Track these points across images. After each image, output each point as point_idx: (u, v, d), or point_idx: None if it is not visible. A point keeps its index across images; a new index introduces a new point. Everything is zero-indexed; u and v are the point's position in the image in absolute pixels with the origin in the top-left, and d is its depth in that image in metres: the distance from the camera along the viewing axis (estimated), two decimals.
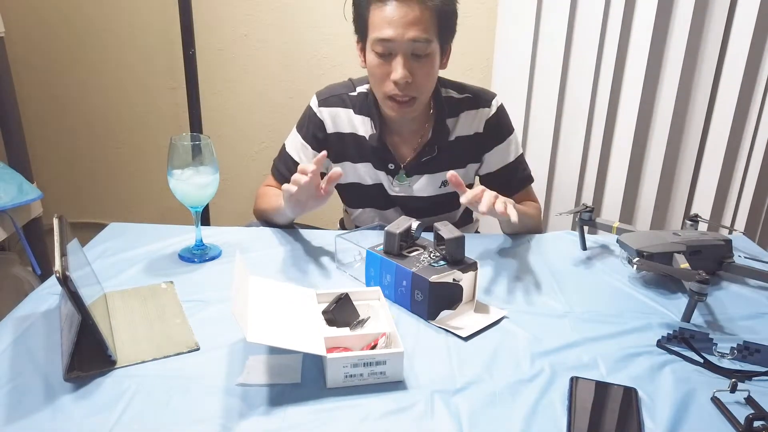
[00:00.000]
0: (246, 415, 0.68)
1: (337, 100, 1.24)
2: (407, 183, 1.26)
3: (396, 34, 1.06)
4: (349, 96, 1.24)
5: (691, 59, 1.78)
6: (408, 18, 1.06)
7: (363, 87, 1.25)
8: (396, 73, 1.09)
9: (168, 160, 1.00)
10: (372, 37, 1.10)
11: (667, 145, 1.86)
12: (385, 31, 1.07)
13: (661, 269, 0.95)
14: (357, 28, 1.16)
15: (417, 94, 1.13)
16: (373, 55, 1.11)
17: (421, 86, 1.13)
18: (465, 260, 0.92)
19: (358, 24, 1.15)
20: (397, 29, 1.06)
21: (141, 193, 2.17)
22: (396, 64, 1.09)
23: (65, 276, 0.67)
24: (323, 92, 1.26)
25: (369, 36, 1.11)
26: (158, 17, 1.93)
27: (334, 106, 1.24)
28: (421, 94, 1.14)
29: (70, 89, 2.03)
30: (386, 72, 1.11)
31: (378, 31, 1.08)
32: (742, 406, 0.72)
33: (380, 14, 1.07)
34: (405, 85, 1.10)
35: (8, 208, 1.51)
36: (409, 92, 1.11)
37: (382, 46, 1.09)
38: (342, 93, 1.25)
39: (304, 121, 1.27)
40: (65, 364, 0.73)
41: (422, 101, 1.16)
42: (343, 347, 0.77)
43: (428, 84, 1.15)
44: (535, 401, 0.72)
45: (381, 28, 1.07)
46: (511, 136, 1.28)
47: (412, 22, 1.06)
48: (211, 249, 1.09)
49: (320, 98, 1.25)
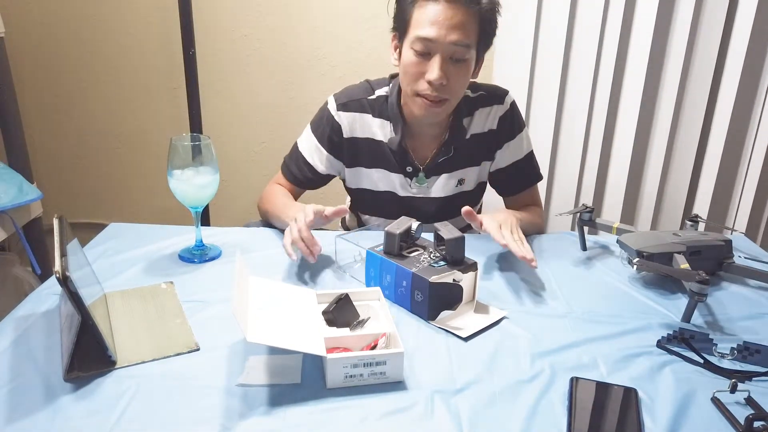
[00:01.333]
0: (246, 415, 0.68)
1: (356, 104, 1.23)
2: (426, 185, 1.26)
3: (438, 34, 1.06)
4: (368, 100, 1.23)
5: (691, 59, 1.77)
6: (453, 21, 1.06)
7: (382, 90, 1.24)
8: (432, 73, 1.08)
9: (168, 160, 1.00)
10: (413, 34, 1.09)
11: (667, 145, 1.86)
12: (427, 30, 1.07)
13: (661, 270, 0.95)
14: (397, 24, 1.15)
15: (449, 96, 1.12)
16: (412, 53, 1.10)
17: (454, 90, 1.13)
18: (465, 261, 0.92)
19: (399, 19, 1.14)
20: (440, 30, 1.06)
21: (141, 193, 2.17)
22: (433, 64, 1.08)
23: (65, 276, 0.67)
24: (341, 96, 1.25)
25: (409, 33, 1.10)
26: (158, 17, 1.92)
27: (353, 111, 1.23)
28: (452, 98, 1.14)
29: (70, 89, 2.03)
30: (421, 71, 1.10)
31: (420, 29, 1.08)
32: (742, 406, 0.72)
33: (425, 13, 1.07)
34: (439, 86, 1.09)
35: (8, 208, 1.51)
36: (442, 94, 1.11)
37: (423, 45, 1.08)
38: (361, 97, 1.24)
39: (320, 123, 1.26)
40: (65, 364, 0.73)
41: (451, 105, 1.16)
42: (343, 347, 0.77)
43: (460, 89, 1.15)
44: (535, 401, 0.72)
45: (424, 27, 1.07)
46: (522, 133, 1.28)
47: (456, 25, 1.06)
48: (211, 249, 1.09)
49: (339, 102, 1.24)
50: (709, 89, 1.80)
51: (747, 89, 1.78)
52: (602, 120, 1.84)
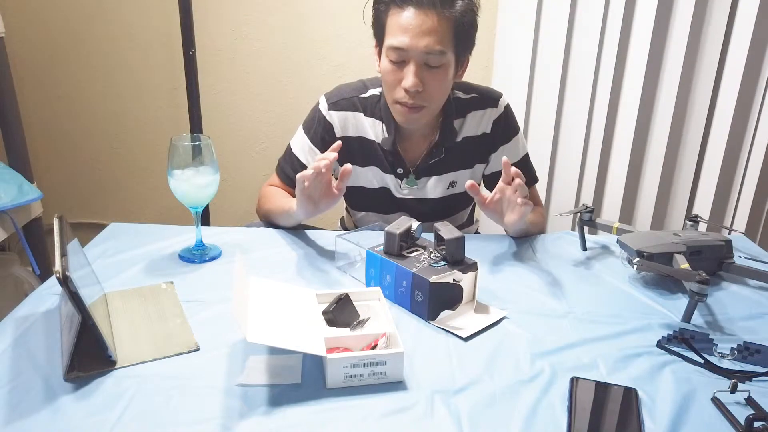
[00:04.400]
0: (246, 415, 0.68)
1: (347, 103, 1.23)
2: (416, 186, 1.26)
3: (410, 43, 1.06)
4: (360, 98, 1.23)
5: (691, 59, 1.77)
6: (423, 27, 1.05)
7: (376, 90, 1.24)
8: (407, 80, 1.08)
9: (168, 160, 1.00)
10: (387, 43, 1.09)
11: (667, 145, 1.86)
12: (399, 38, 1.06)
13: (661, 270, 0.95)
14: (375, 33, 1.15)
15: (426, 103, 1.12)
16: (387, 61, 1.11)
17: (432, 96, 1.12)
18: (465, 260, 0.92)
19: (376, 28, 1.14)
20: (412, 38, 1.05)
21: (141, 193, 2.17)
22: (408, 71, 1.08)
23: (65, 276, 0.67)
24: (333, 95, 1.25)
25: (385, 41, 1.10)
26: (158, 17, 1.93)
27: (343, 110, 1.23)
28: (431, 104, 1.13)
29: (70, 89, 2.03)
30: (398, 78, 1.10)
31: (393, 37, 1.07)
32: (742, 406, 0.72)
33: (397, 21, 1.07)
34: (415, 93, 1.09)
35: (8, 208, 1.51)
36: (419, 101, 1.11)
37: (396, 54, 1.08)
38: (352, 96, 1.24)
39: (312, 123, 1.26)
40: (65, 364, 0.73)
41: (431, 110, 1.15)
42: (343, 347, 0.77)
43: (439, 95, 1.14)
44: (535, 401, 0.72)
45: (396, 35, 1.07)
46: (517, 136, 1.28)
47: (427, 31, 1.05)
48: (211, 249, 1.09)
49: (330, 101, 1.24)
50: (709, 89, 1.80)
51: (747, 89, 1.78)
52: (602, 120, 1.84)
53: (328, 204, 1.04)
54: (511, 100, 1.30)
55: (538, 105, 1.86)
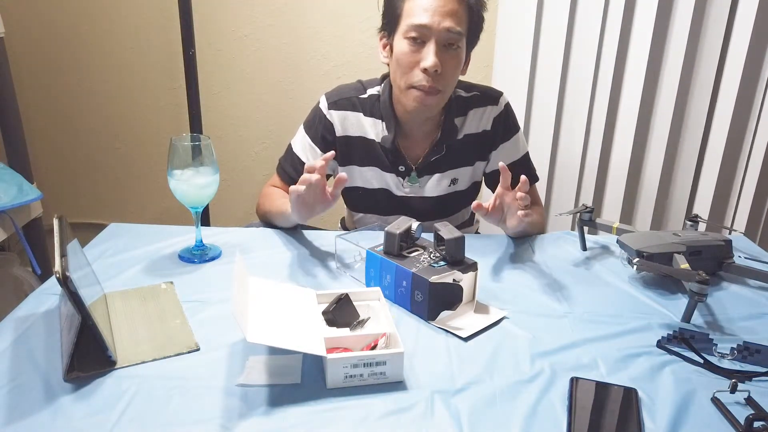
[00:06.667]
0: (246, 415, 0.68)
1: (346, 103, 1.24)
2: (418, 184, 1.26)
3: (432, 20, 1.08)
4: (359, 99, 1.24)
5: (691, 59, 1.77)
6: (446, 8, 1.09)
7: (374, 89, 1.24)
8: (428, 60, 1.09)
9: (168, 160, 1.00)
10: (406, 23, 1.11)
11: (667, 145, 1.86)
12: (421, 16, 1.09)
13: (661, 270, 0.95)
14: (387, 19, 1.17)
15: (442, 86, 1.13)
16: (405, 43, 1.11)
17: (448, 79, 1.14)
18: (465, 261, 0.92)
19: (389, 13, 1.16)
20: (434, 17, 1.08)
21: (141, 193, 2.17)
22: (428, 51, 1.10)
23: (65, 276, 0.67)
24: (333, 94, 1.26)
25: (401, 23, 1.12)
26: (158, 17, 1.93)
27: (343, 110, 1.24)
28: (445, 88, 1.15)
29: (71, 89, 2.03)
30: (415, 60, 1.11)
31: (414, 17, 1.09)
32: (742, 406, 0.72)
33: (417, 2, 1.10)
34: (434, 74, 1.10)
35: (8, 208, 1.51)
36: (436, 83, 1.12)
37: (417, 32, 1.10)
38: (352, 96, 1.24)
39: (312, 122, 1.26)
40: (65, 364, 0.73)
41: (444, 96, 1.17)
42: (343, 348, 0.77)
43: (453, 79, 1.16)
44: (535, 401, 0.72)
45: (417, 14, 1.09)
46: (517, 134, 1.29)
47: (449, 12, 1.09)
48: (211, 249, 1.09)
49: (330, 101, 1.25)
50: (709, 89, 1.80)
51: (747, 89, 1.78)
52: (602, 120, 1.84)
53: (321, 209, 1.04)
54: (512, 100, 1.30)
55: (538, 105, 1.86)
